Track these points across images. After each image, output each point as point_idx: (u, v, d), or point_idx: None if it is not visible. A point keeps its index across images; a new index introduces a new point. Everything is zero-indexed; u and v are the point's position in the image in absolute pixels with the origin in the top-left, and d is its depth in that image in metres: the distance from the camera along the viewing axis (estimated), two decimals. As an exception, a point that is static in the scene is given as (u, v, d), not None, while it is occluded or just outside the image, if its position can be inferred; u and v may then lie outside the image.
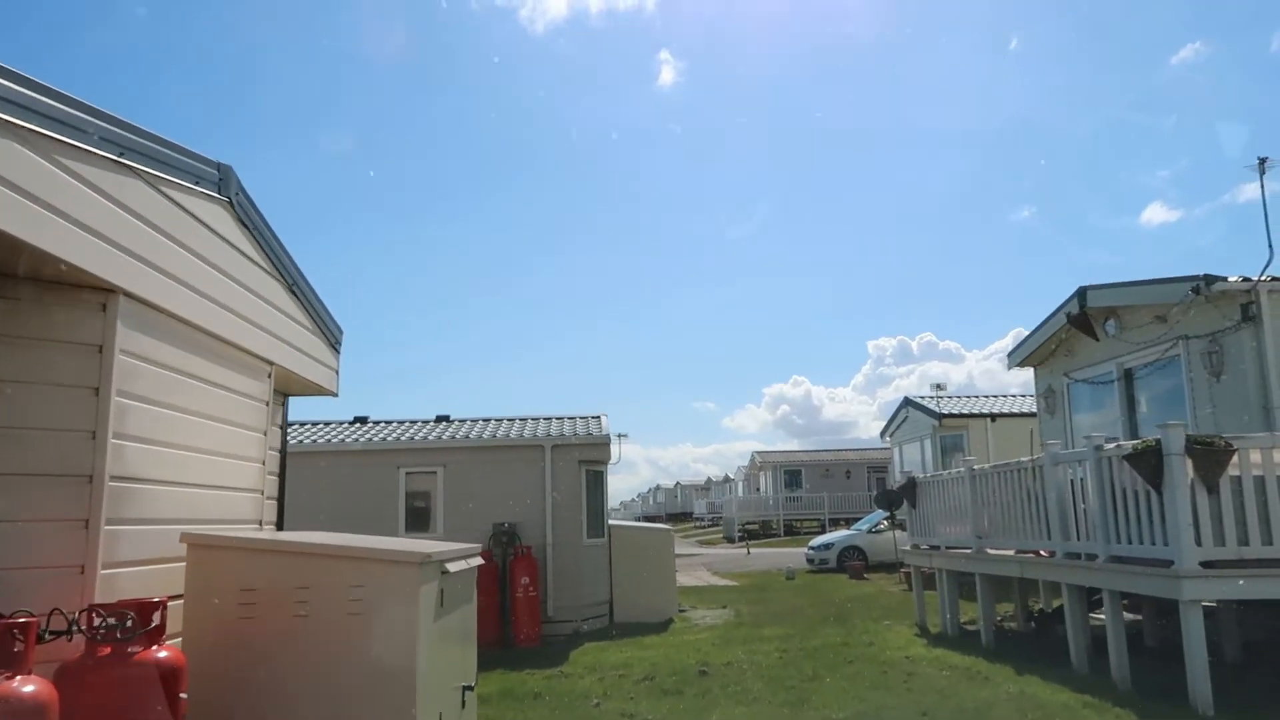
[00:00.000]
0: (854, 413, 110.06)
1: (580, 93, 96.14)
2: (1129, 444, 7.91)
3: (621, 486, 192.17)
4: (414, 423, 17.07)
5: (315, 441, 15.42)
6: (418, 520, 15.32)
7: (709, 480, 67.66)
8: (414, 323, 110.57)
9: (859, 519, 31.33)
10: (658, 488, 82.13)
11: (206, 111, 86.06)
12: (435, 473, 15.34)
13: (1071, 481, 9.16)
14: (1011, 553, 10.51)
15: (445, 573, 4.90)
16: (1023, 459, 10.22)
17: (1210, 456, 7.33)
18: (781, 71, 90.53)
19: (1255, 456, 7.48)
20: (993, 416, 20.66)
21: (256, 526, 5.75)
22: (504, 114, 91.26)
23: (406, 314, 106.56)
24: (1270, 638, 9.81)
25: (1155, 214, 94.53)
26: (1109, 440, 8.85)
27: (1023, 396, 22.53)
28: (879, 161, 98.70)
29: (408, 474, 15.36)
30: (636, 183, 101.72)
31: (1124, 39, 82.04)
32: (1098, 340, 12.33)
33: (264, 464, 5.91)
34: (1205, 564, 7.27)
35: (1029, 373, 14.83)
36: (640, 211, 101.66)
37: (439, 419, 17.32)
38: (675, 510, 72.51)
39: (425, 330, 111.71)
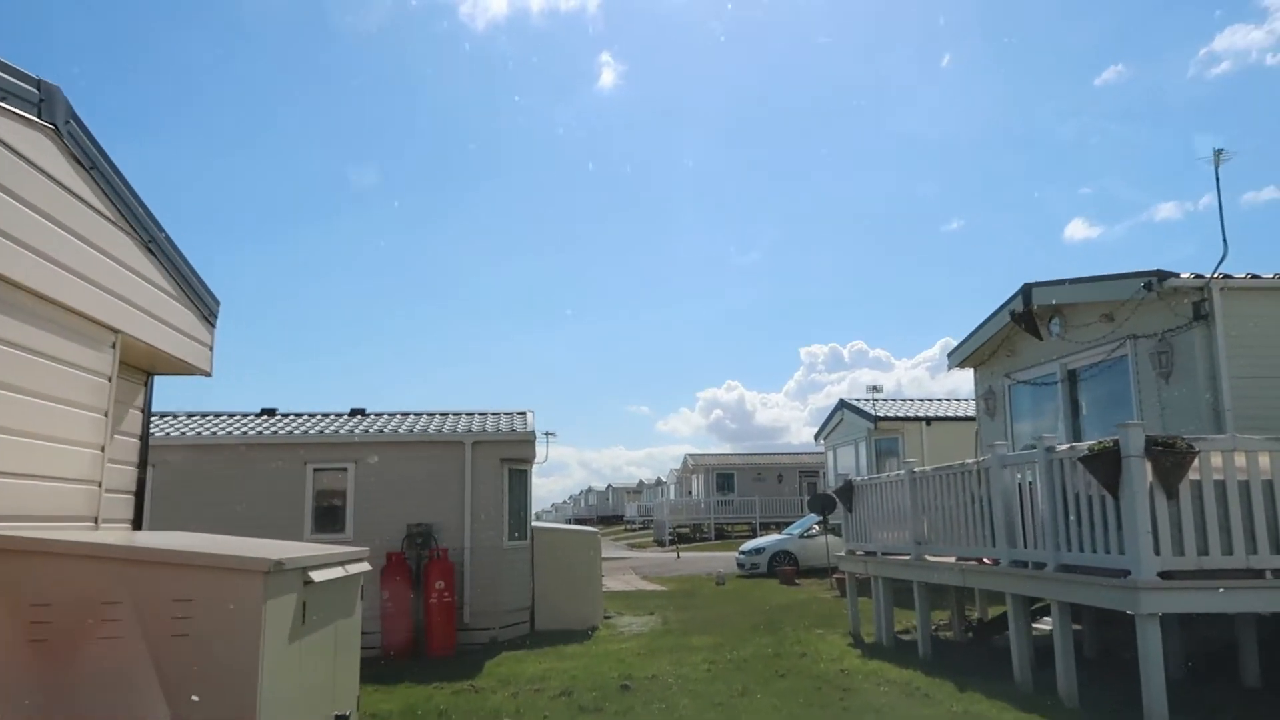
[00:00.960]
0: (786, 418, 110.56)
1: (520, 92, 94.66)
2: (1084, 445, 7.39)
3: (554, 488, 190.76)
4: (325, 416, 15.98)
5: (214, 434, 14.25)
6: (326, 521, 14.27)
7: (641, 483, 66.98)
8: (339, 324, 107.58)
9: (791, 523, 30.96)
10: (589, 490, 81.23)
11: (116, 99, 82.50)
12: (346, 469, 14.31)
13: (1019, 485, 8.64)
14: (952, 560, 9.98)
15: (309, 582, 4.04)
16: (967, 461, 9.69)
17: (1172, 459, 6.84)
18: (720, 80, 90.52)
19: (1216, 460, 7.02)
20: (928, 420, 20.36)
21: (91, 525, 4.80)
22: (441, 111, 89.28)
23: (328, 314, 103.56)
24: (1212, 648, 9.43)
25: (1077, 230, 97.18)
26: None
27: (958, 400, 22.34)
28: (815, 170, 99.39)
29: (316, 470, 14.29)
30: (573, 185, 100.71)
31: (1050, 60, 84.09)
32: (1041, 340, 11.93)
33: (104, 451, 4.96)
34: (1163, 574, 6.78)
35: (955, 379, 14.48)
36: (576, 214, 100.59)
37: (353, 412, 16.26)
38: (607, 513, 71.70)
39: (350, 332, 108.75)
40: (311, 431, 14.54)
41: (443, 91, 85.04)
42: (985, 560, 9.28)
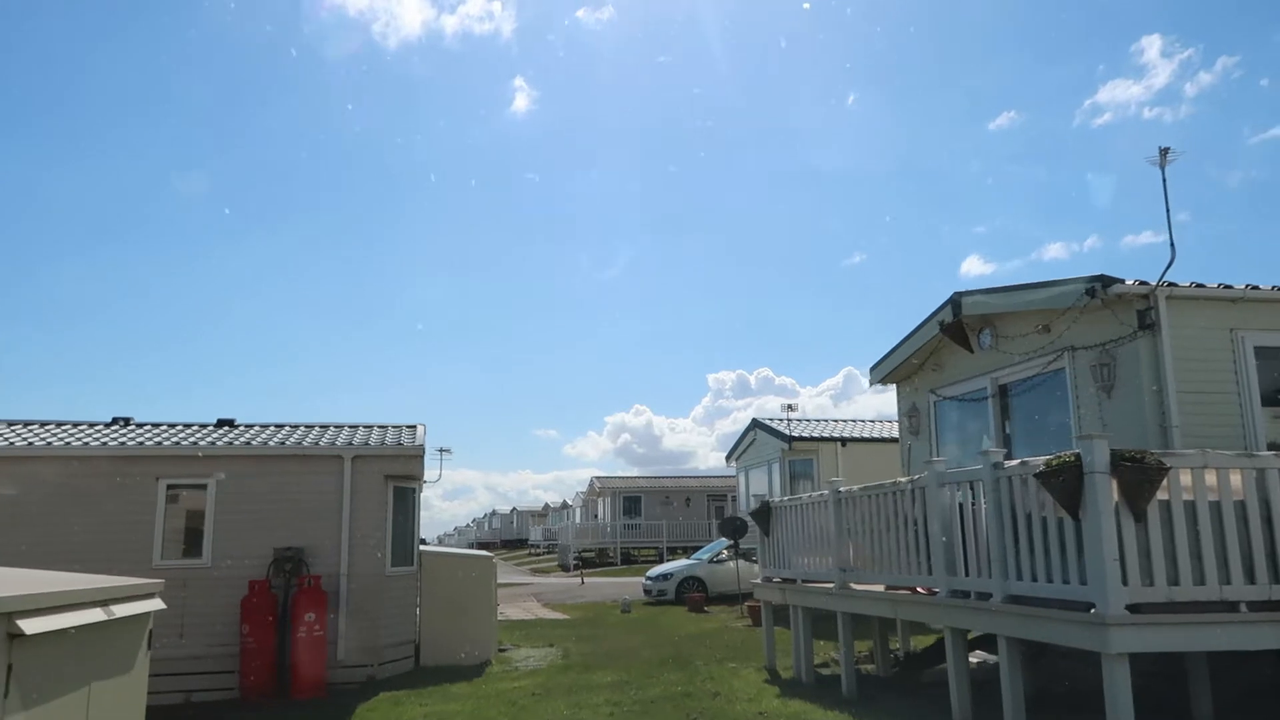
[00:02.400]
0: (694, 443, 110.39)
1: (431, 113, 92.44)
2: (1040, 460, 6.52)
3: (459, 512, 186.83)
4: (187, 427, 14.22)
5: (48, 443, 12.39)
6: (180, 545, 12.56)
7: (547, 506, 65.32)
8: (241, 345, 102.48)
9: (699, 548, 30.01)
10: (493, 513, 79.05)
11: (20, 98, 76.91)
12: (205, 486, 12.63)
13: (961, 506, 7.75)
14: (882, 589, 9.05)
15: (18, 635, 2.73)
16: (900, 480, 8.79)
17: (1141, 476, 6.00)
18: (631, 110, 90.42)
19: (1186, 478, 6.23)
20: (843, 441, 19.65)
21: None
22: (350, 129, 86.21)
23: (231, 336, 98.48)
24: (1149, 683, 8.72)
25: (973, 266, 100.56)
26: (1008, 458, 7.49)
27: (873, 421, 21.79)
28: (723, 201, 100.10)
29: (170, 487, 12.57)
30: (482, 208, 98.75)
31: (949, 102, 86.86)
32: (971, 353, 11.21)
33: None
34: (1131, 608, 5.91)
35: (858, 405, 13.75)
36: (485, 237, 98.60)
37: (220, 423, 14.54)
38: (511, 537, 69.81)
39: (252, 355, 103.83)
40: (166, 443, 12.82)
41: (354, 110, 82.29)
42: (920, 590, 8.36)
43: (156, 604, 4.05)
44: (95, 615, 3.35)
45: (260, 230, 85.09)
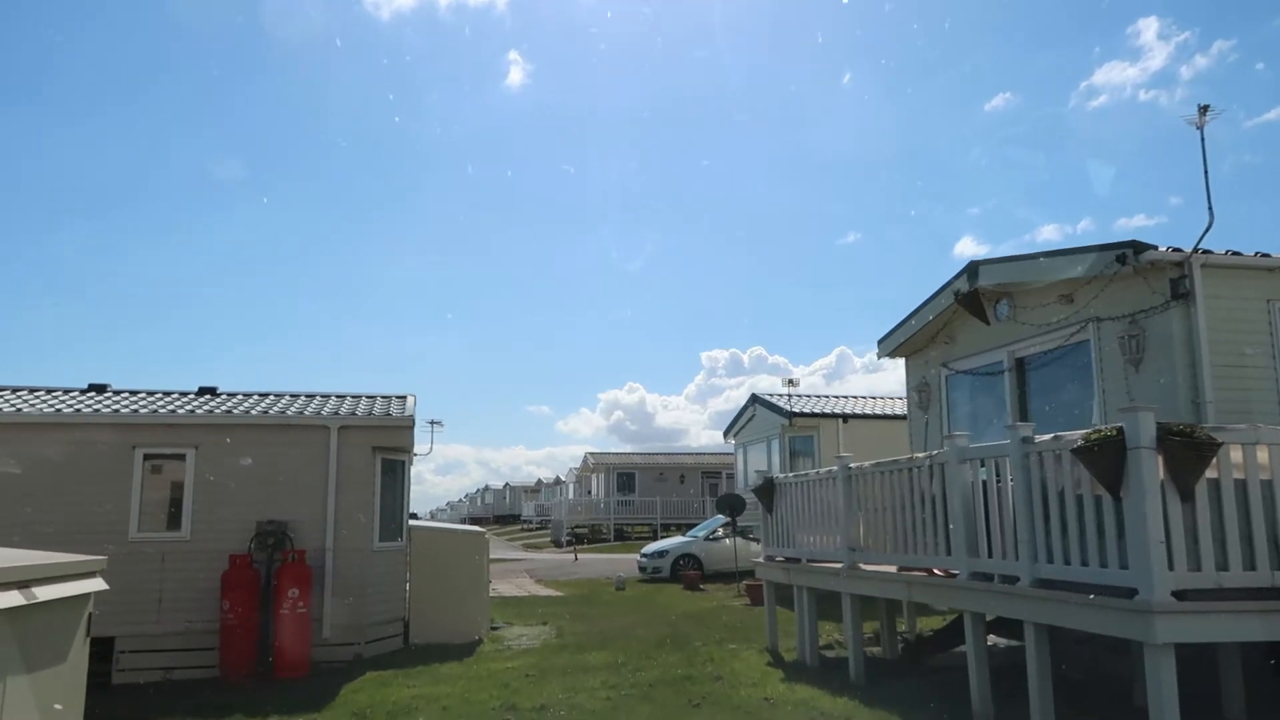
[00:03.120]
0: (686, 420, 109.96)
1: (424, 86, 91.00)
2: (1077, 434, 6.03)
3: (452, 487, 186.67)
4: (166, 395, 13.66)
5: (18, 409, 11.82)
6: (159, 517, 12.05)
7: (539, 482, 64.98)
8: (229, 320, 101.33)
9: (693, 525, 29.64)
10: (486, 488, 78.70)
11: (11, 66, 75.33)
12: (185, 456, 12.10)
13: (984, 484, 7.27)
14: (894, 570, 8.60)
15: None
16: (917, 455, 8.31)
17: (1191, 452, 5.51)
18: (626, 87, 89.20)
19: (1236, 455, 5.75)
20: (844, 417, 19.19)
21: None
22: (341, 102, 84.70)
23: (217, 311, 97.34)
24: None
25: (966, 247, 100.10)
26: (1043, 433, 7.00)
27: (874, 398, 21.33)
28: (719, 180, 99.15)
29: (147, 456, 12.04)
30: (474, 182, 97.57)
31: (944, 84, 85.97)
32: (987, 324, 10.71)
33: None
34: (1176, 594, 5.45)
35: (851, 383, 13.24)
36: (480, 212, 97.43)
37: (202, 391, 13.99)
38: (504, 512, 69.49)
39: (241, 330, 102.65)
40: (143, 410, 12.26)
41: (345, 82, 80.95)
42: (937, 571, 7.89)
43: (97, 584, 3.55)
44: (11, 599, 2.84)
45: (249, 204, 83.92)
